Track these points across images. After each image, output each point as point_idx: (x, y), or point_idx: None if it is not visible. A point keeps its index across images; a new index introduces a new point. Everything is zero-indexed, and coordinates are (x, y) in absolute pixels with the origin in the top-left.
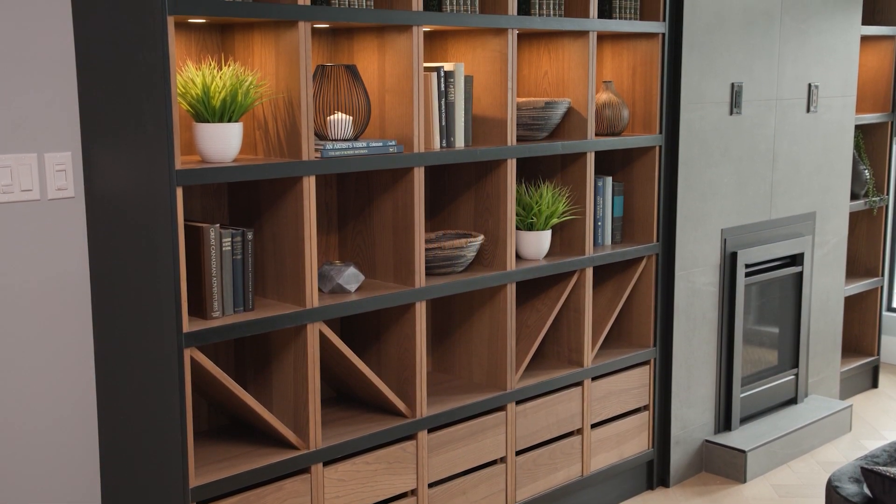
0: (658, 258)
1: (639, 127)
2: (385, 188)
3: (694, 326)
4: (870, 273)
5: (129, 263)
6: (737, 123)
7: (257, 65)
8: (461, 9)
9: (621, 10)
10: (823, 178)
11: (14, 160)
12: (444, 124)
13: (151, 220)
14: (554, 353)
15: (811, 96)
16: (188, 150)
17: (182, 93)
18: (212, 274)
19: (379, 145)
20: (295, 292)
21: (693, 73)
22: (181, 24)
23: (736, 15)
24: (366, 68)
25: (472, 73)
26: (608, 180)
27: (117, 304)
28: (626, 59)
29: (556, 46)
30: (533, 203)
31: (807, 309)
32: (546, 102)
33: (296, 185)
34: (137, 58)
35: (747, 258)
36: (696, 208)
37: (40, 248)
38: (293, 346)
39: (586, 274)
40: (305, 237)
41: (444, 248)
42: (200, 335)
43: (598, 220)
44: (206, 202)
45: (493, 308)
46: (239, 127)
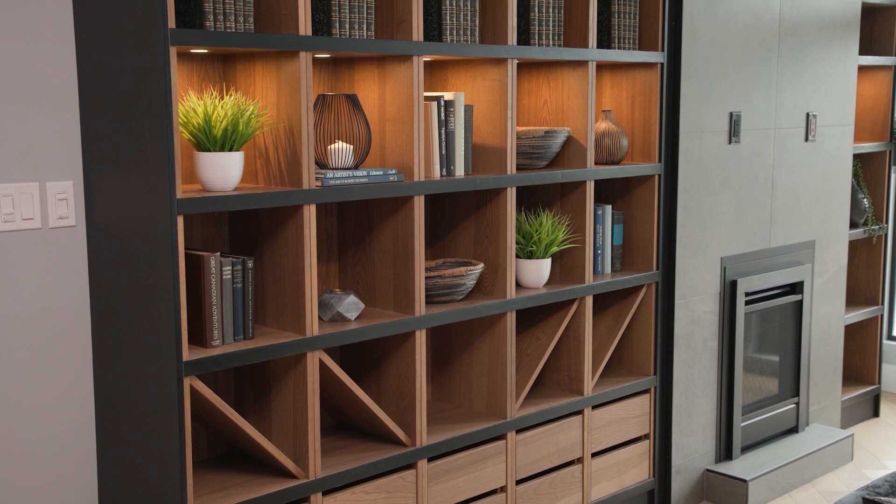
0: (658, 286)
1: (638, 155)
2: (385, 216)
3: (694, 355)
4: (870, 301)
5: (130, 292)
6: (736, 152)
7: (259, 94)
8: (461, 39)
9: (620, 40)
10: (822, 206)
11: (16, 189)
12: (444, 153)
13: (152, 248)
14: (554, 381)
15: (809, 125)
16: (189, 179)
17: (184, 122)
18: (212, 302)
19: (379, 174)
20: (295, 320)
21: (692, 102)
22: (183, 53)
23: (734, 45)
24: (366, 97)
25: (472, 102)
26: (608, 209)
27: (117, 333)
28: (626, 89)
29: (556, 76)
30: (533, 231)
31: (807, 337)
32: (546, 131)
33: (296, 214)
34: (140, 87)
35: (747, 286)
36: (695, 237)
37: (41, 276)
38: (293, 375)
39: (586, 302)
40: (306, 266)
41: (444, 276)
42: (200, 364)
43: (597, 249)
44: (206, 230)
45: (493, 336)
46: (240, 156)
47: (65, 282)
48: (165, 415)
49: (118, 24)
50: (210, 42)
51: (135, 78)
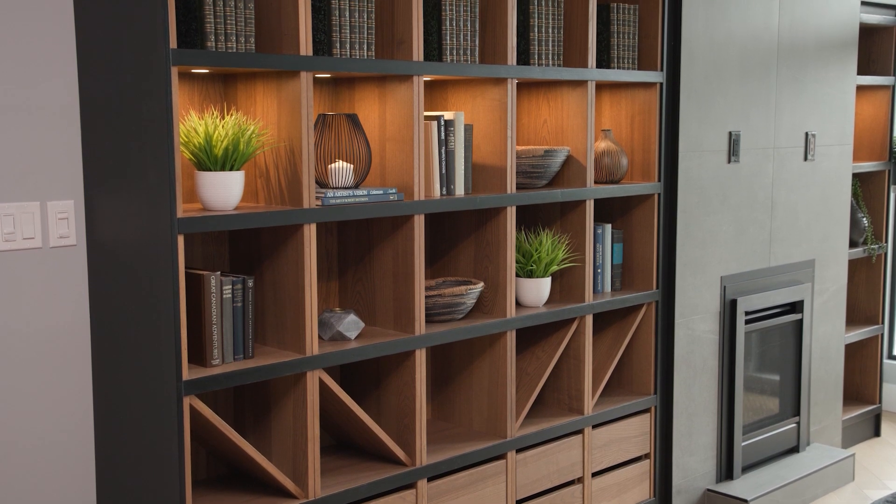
0: (658, 305)
1: (637, 175)
2: (385, 235)
3: (694, 374)
4: (870, 321)
5: (130, 311)
6: (735, 171)
7: (259, 114)
8: (461, 59)
9: (619, 60)
10: (822, 225)
11: (17, 208)
12: (444, 172)
13: (152, 267)
14: (554, 400)
15: (808, 145)
16: (190, 198)
17: (185, 141)
18: (212, 321)
19: (379, 193)
20: (295, 340)
21: (691, 121)
22: (184, 73)
23: (732, 65)
24: (367, 117)
25: (472, 121)
26: (607, 228)
27: (117, 352)
28: (625, 108)
29: (556, 95)
30: (533, 250)
31: (807, 356)
32: (545, 150)
33: (297, 233)
34: (141, 107)
35: (747, 305)
36: (695, 255)
37: (41, 295)
38: (293, 394)
39: (586, 321)
40: (306, 285)
41: (444, 295)
42: (200, 383)
43: (597, 268)
44: (207, 249)
45: (493, 355)
46: (240, 175)
47: (65, 301)
48: (165, 434)
49: (120, 45)
50: (211, 62)
51: (136, 97)
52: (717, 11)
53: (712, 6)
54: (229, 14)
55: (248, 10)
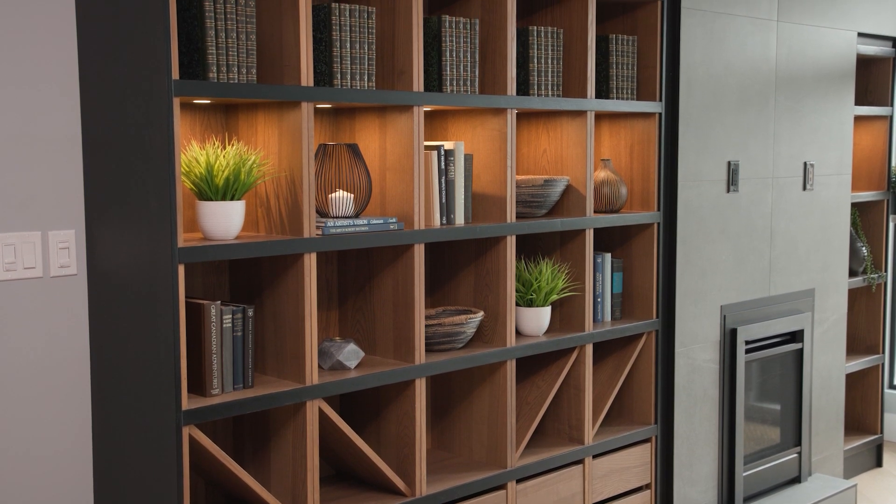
0: (658, 334)
1: (637, 204)
2: (385, 265)
3: (695, 403)
4: (870, 350)
5: (130, 340)
6: (734, 201)
7: (260, 144)
8: (461, 89)
9: (618, 90)
10: (821, 255)
11: (18, 238)
12: (444, 201)
13: (153, 297)
14: (554, 430)
15: (807, 174)
16: (190, 228)
17: (186, 171)
18: (212, 351)
19: (380, 222)
20: (295, 369)
21: (690, 151)
22: (186, 104)
23: (731, 95)
24: (367, 146)
25: (472, 151)
26: (607, 257)
27: (117, 381)
28: (624, 138)
29: (555, 125)
30: (532, 279)
31: (808, 386)
32: (545, 180)
33: (297, 262)
34: (143, 137)
35: (747, 335)
36: (695, 285)
37: (41, 325)
38: (292, 424)
39: (586, 350)
40: (306, 314)
41: (444, 324)
42: (199, 413)
43: (597, 297)
44: (207, 279)
45: (493, 384)
46: (241, 205)
47: (65, 330)
48: (164, 464)
49: (123, 75)
50: (213, 93)
51: (138, 128)
52: (714, 42)
53: (710, 37)
54: (231, 45)
55: (249, 42)
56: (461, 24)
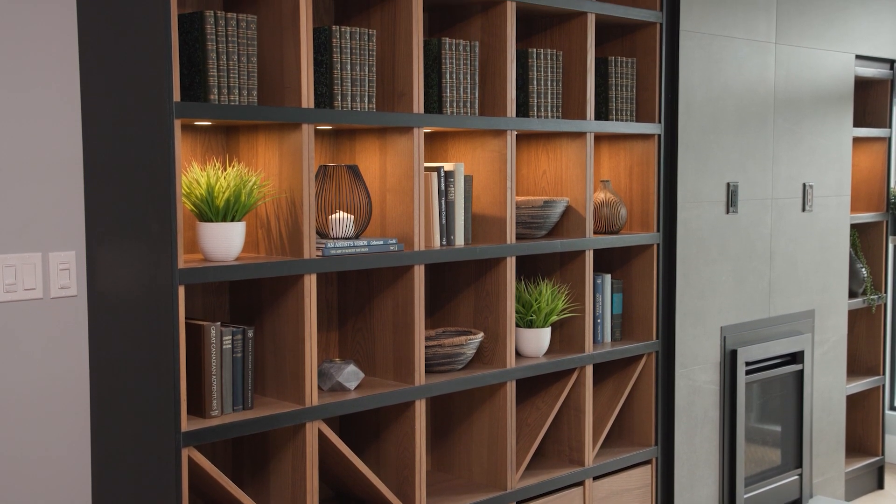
0: (658, 356)
1: (636, 225)
2: (385, 286)
3: (695, 425)
4: (871, 371)
5: (129, 361)
6: (733, 222)
7: (261, 165)
8: (461, 111)
9: (618, 112)
10: (821, 276)
11: (19, 259)
12: (444, 223)
13: (153, 318)
14: (555, 451)
15: (806, 196)
16: (191, 249)
17: (187, 193)
18: (212, 372)
19: (380, 243)
20: (295, 390)
21: (689, 172)
22: (187, 126)
23: (729, 117)
24: (367, 168)
25: (471, 172)
26: (607, 278)
27: (116, 403)
28: (623, 159)
29: (555, 146)
30: (532, 300)
31: (809, 407)
32: (545, 201)
33: (297, 284)
34: (144, 159)
35: (747, 356)
36: (695, 306)
37: (41, 345)
38: (292, 445)
39: (586, 371)
40: (306, 335)
41: (444, 345)
42: (199, 434)
43: (597, 318)
44: (207, 300)
45: (493, 406)
46: (242, 226)
47: (65, 351)
48: (163, 486)
49: (124, 97)
50: (214, 115)
51: (139, 149)
52: (713, 64)
53: (708, 59)
54: (232, 68)
55: (250, 64)
56: (461, 47)
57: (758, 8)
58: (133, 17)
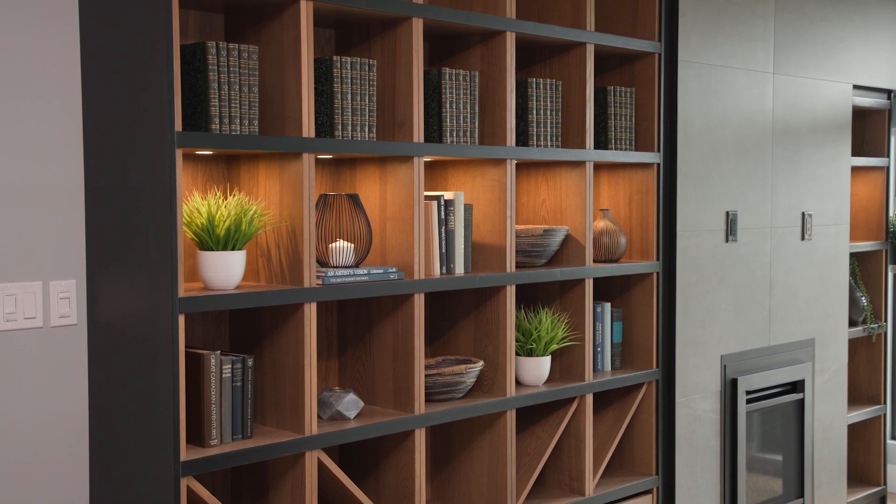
0: (658, 384)
1: (636, 254)
2: (385, 314)
3: (696, 454)
4: (872, 400)
5: (129, 390)
6: (733, 251)
7: (262, 194)
8: (461, 140)
9: (617, 141)
10: (821, 304)
11: (19, 288)
12: (444, 251)
13: (153, 347)
14: (555, 481)
15: (805, 224)
16: (191, 277)
17: (187, 221)
18: (211, 401)
19: (380, 272)
20: (294, 419)
21: (688, 201)
22: (189, 155)
23: (728, 146)
24: (367, 196)
25: (471, 201)
26: (607, 306)
27: (115, 431)
28: (623, 188)
29: (554, 175)
30: (532, 329)
31: (810, 437)
32: (544, 230)
33: (297, 312)
34: (145, 188)
35: (748, 385)
36: (694, 334)
37: (41, 375)
38: (291, 474)
39: (586, 400)
40: (306, 364)
41: (443, 374)
42: (198, 464)
43: (597, 346)
44: (207, 328)
45: (492, 435)
46: (242, 255)
47: (65, 380)
48: None
49: (126, 126)
50: (215, 144)
51: (140, 178)
52: (711, 94)
53: (707, 89)
54: (234, 97)
55: (252, 94)
56: (461, 77)
57: (755, 38)
58: (136, 48)
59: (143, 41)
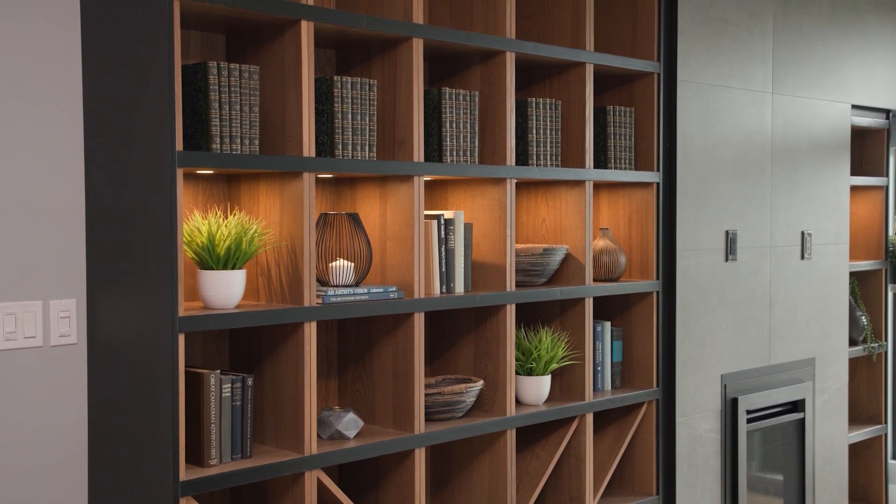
0: (658, 404)
1: (636, 273)
2: (385, 333)
3: (697, 474)
4: (873, 420)
5: (128, 410)
6: (733, 270)
7: (262, 213)
8: (461, 159)
9: (616, 161)
10: (821, 323)
11: (19, 307)
12: (444, 270)
13: (152, 366)
14: (555, 500)
15: (805, 244)
16: (191, 296)
17: (188, 241)
18: (211, 421)
19: (380, 291)
20: (294, 439)
21: (688, 220)
22: (189, 174)
23: (727, 165)
24: (367, 215)
25: (471, 220)
26: (607, 325)
27: (114, 451)
28: (622, 207)
29: (554, 194)
30: (532, 348)
31: (811, 456)
32: (544, 249)
33: (297, 331)
34: (146, 207)
35: (748, 404)
36: (695, 353)
37: (40, 393)
38: (290, 495)
39: (587, 420)
40: (305, 383)
41: (443, 393)
42: (197, 484)
43: (597, 365)
44: (207, 347)
45: (493, 454)
46: (242, 274)
47: (64, 399)
48: None
49: (127, 145)
50: (216, 164)
51: (141, 197)
52: (710, 114)
53: (706, 109)
54: (234, 117)
55: (252, 114)
56: (461, 96)
57: (754, 58)
58: (138, 67)
59: (144, 61)
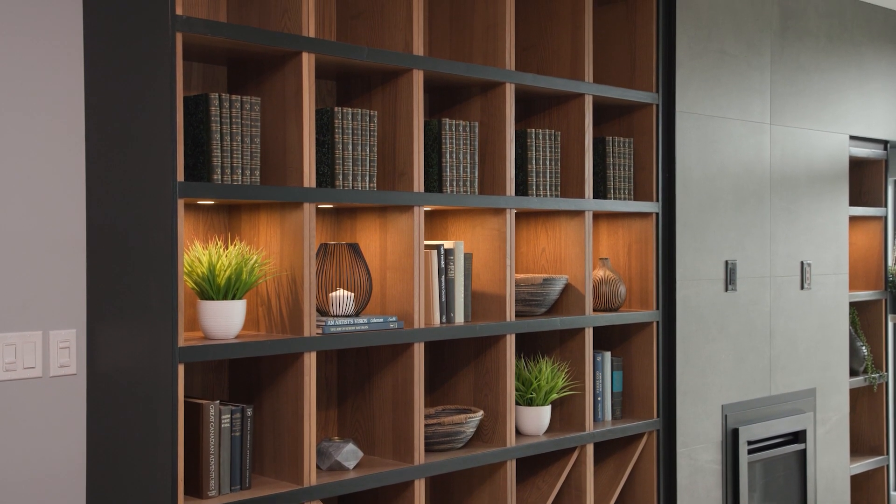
0: (659, 434)
1: (636, 303)
2: (385, 363)
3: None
4: (874, 451)
5: (127, 440)
6: (732, 300)
7: (262, 243)
8: (461, 190)
9: (616, 191)
10: (821, 354)
11: (19, 338)
12: (444, 300)
13: (152, 396)
14: None
15: (804, 274)
16: (191, 326)
17: (188, 271)
18: (210, 451)
19: (380, 321)
20: (293, 470)
21: (687, 250)
22: (190, 204)
23: (726, 195)
24: (368, 245)
25: (471, 250)
26: (607, 355)
27: (113, 482)
28: (622, 237)
29: (553, 224)
30: (532, 378)
31: (812, 487)
32: (544, 279)
33: (297, 361)
34: (147, 237)
35: (749, 435)
36: (695, 384)
37: (40, 424)
38: None
39: (587, 450)
40: (305, 414)
41: (443, 423)
42: None
43: (597, 396)
44: (206, 377)
45: (492, 485)
46: (242, 304)
47: (63, 429)
48: None
49: (128, 176)
50: (217, 195)
51: (142, 227)
52: (709, 144)
53: (704, 140)
54: (236, 148)
55: (253, 145)
56: (461, 127)
57: (752, 90)
58: (140, 99)
59: (147, 92)
